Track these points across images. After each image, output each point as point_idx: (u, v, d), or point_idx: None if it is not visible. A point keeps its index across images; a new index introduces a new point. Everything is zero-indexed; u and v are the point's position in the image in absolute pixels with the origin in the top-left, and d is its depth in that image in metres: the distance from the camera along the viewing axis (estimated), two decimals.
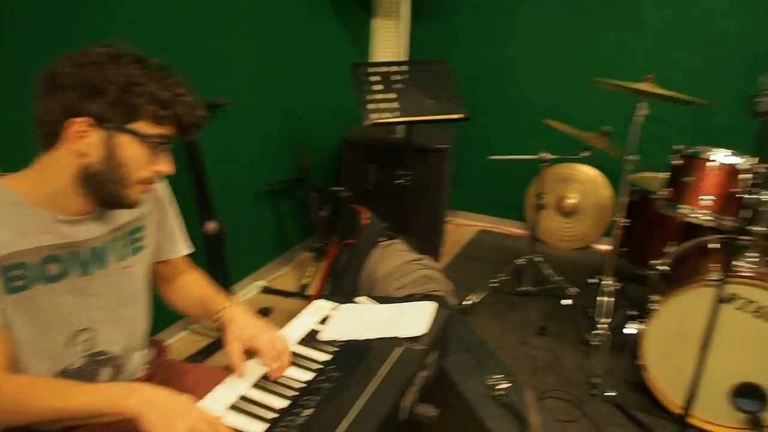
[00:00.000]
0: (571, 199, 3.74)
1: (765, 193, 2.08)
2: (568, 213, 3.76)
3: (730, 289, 2.02)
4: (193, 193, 2.47)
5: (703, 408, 2.09)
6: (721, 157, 2.19)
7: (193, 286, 1.43)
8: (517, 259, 3.04)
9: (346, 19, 3.58)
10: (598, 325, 2.48)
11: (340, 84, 3.22)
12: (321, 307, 1.53)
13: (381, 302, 1.55)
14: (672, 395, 2.17)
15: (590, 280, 2.74)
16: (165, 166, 1.14)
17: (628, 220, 2.65)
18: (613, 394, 2.26)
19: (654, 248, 2.71)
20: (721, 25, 3.24)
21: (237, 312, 1.29)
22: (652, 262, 2.48)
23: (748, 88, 1.88)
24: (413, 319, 1.39)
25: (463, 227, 4.09)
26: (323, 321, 1.45)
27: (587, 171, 3.70)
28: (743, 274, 2.07)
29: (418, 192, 3.24)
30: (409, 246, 2.85)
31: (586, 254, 3.74)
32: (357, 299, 1.58)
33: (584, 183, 3.71)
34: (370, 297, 1.60)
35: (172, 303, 1.43)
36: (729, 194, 2.19)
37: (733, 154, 2.19)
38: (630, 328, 2.23)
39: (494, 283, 2.98)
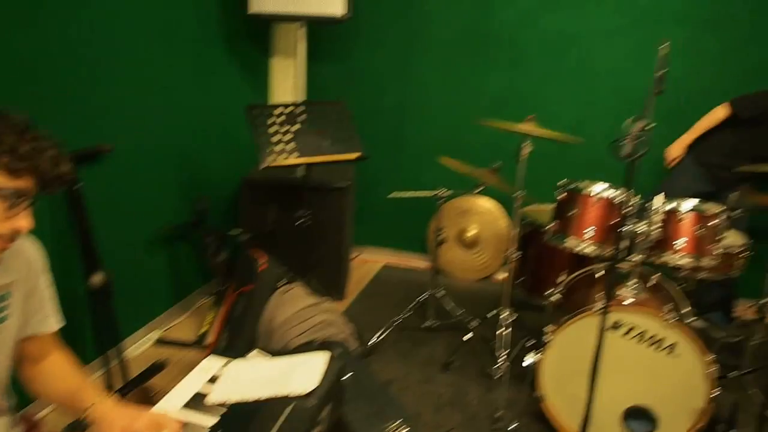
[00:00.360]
0: (472, 232, 3.85)
1: (641, 224, 2.24)
2: (469, 245, 3.86)
3: (615, 316, 2.13)
4: (78, 245, 2.31)
5: None
6: (600, 191, 2.33)
7: (59, 376, 1.32)
8: (420, 295, 3.06)
9: (242, 59, 3.55)
10: (499, 358, 2.54)
11: (238, 124, 3.17)
12: (209, 366, 1.46)
13: (273, 356, 1.50)
14: (569, 423, 2.24)
15: (489, 314, 2.81)
16: (24, 221, 1.06)
17: (521, 253, 2.76)
18: (515, 425, 2.30)
19: (548, 278, 2.83)
20: (600, 66, 3.50)
21: (107, 408, 1.21)
22: (546, 292, 2.59)
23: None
24: (304, 374, 1.35)
25: (368, 263, 4.10)
26: (213, 380, 1.38)
27: (485, 203, 3.82)
28: (626, 301, 2.19)
29: (320, 231, 3.22)
30: (312, 288, 2.81)
31: (489, 285, 3.85)
32: (249, 354, 1.52)
33: (483, 215, 3.84)
34: (262, 350, 1.55)
35: (35, 390, 1.31)
36: (609, 226, 2.32)
37: (610, 187, 2.34)
38: (528, 359, 2.29)
39: (398, 320, 2.99)
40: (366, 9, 3.74)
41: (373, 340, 2.90)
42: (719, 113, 3.11)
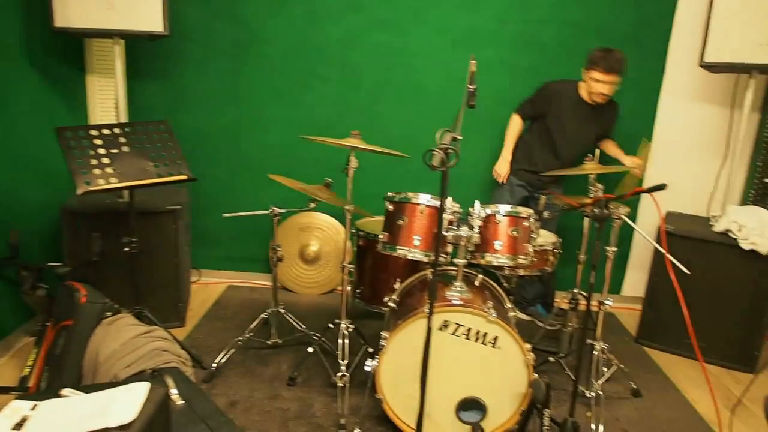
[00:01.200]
0: (313, 247, 3.88)
1: (462, 229, 2.41)
2: (311, 260, 3.89)
3: (443, 317, 2.28)
4: None
5: (436, 427, 2.30)
6: (425, 200, 2.47)
7: None
8: (263, 313, 3.03)
9: (53, 77, 3.27)
10: (341, 367, 2.58)
11: (53, 148, 2.91)
12: (16, 408, 1.32)
13: (88, 391, 1.40)
14: (410, 422, 2.34)
15: (330, 325, 2.85)
16: None
17: (359, 264, 2.84)
18: (357, 430, 2.36)
19: (386, 286, 2.95)
20: (426, 81, 3.73)
21: None
22: (384, 299, 2.68)
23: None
24: (123, 405, 1.27)
25: (210, 286, 3.97)
26: (21, 424, 1.25)
27: (326, 218, 3.88)
28: (453, 302, 2.35)
29: (153, 256, 3.07)
30: (145, 316, 2.66)
31: (334, 298, 3.90)
32: (61, 392, 1.41)
33: (324, 230, 3.89)
34: (82, 386, 1.44)
35: None
36: (435, 233, 2.47)
37: (434, 197, 2.49)
38: (368, 365, 2.35)
39: (240, 340, 2.92)
40: (189, 25, 3.65)
41: (216, 362, 2.81)
42: (515, 123, 3.49)
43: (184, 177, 2.54)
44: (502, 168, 3.50)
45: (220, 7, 3.67)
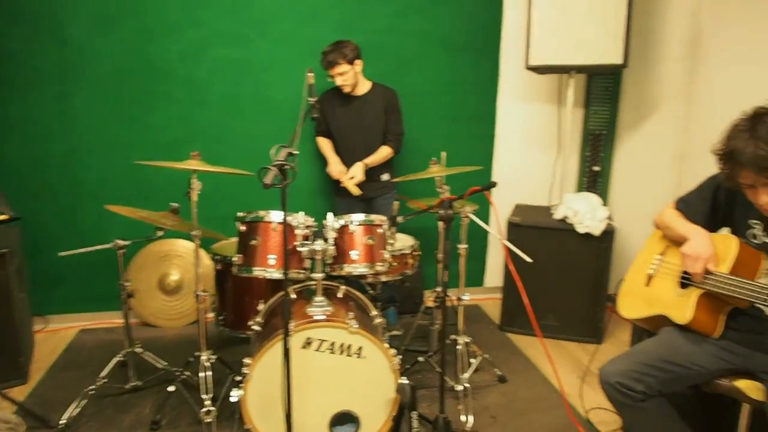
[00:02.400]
0: (173, 276, 3.68)
1: (317, 243, 2.40)
2: (173, 290, 3.68)
3: (305, 334, 2.24)
4: None
5: None
6: (278, 218, 2.43)
7: None
8: (118, 355, 2.81)
9: None
10: (206, 402, 2.46)
11: None
12: None
13: None
14: None
15: (190, 358, 2.71)
16: None
17: (218, 289, 2.72)
18: None
19: (250, 309, 2.84)
20: (275, 95, 3.68)
21: None
22: (249, 323, 2.59)
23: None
24: None
25: (60, 332, 3.62)
26: None
27: (185, 244, 3.69)
28: (315, 318, 2.32)
29: None
30: None
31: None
32: None
33: (184, 257, 3.70)
34: None
35: None
36: (291, 249, 2.44)
37: (287, 213, 2.45)
38: (233, 396, 2.26)
39: (94, 388, 2.69)
40: (11, 47, 3.32)
41: (65, 417, 2.55)
42: (320, 143, 3.61)
43: (3, 218, 2.29)
44: (334, 168, 3.48)
45: (43, 27, 3.36)
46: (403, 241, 3.04)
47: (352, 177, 3.37)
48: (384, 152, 3.46)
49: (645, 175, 3.79)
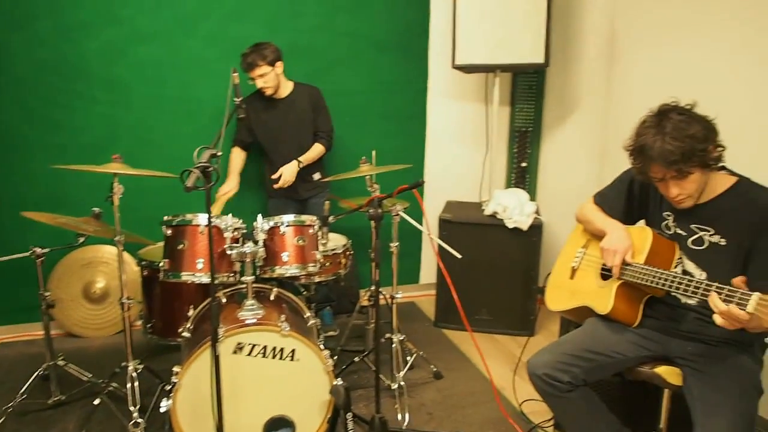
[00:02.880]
0: (99, 283, 3.53)
1: (247, 245, 2.35)
2: (98, 298, 3.53)
3: (236, 339, 2.20)
4: None
5: None
6: (205, 220, 2.36)
7: None
8: (39, 369, 2.66)
9: None
10: (134, 414, 2.37)
11: None
12: None
13: None
14: None
15: (117, 369, 2.60)
16: None
17: (146, 296, 2.64)
18: None
19: (180, 315, 2.75)
20: (202, 94, 3.58)
21: None
22: (179, 329, 2.51)
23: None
24: None
25: None
26: None
27: (111, 250, 3.54)
28: (246, 322, 2.28)
29: None
30: None
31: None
32: None
33: (110, 263, 3.55)
34: None
35: None
36: (221, 252, 2.38)
37: (214, 217, 2.39)
38: (163, 406, 2.19)
39: (12, 406, 2.54)
40: None
41: None
42: (233, 155, 3.54)
43: None
44: (224, 186, 3.43)
45: None
46: (336, 241, 3.03)
47: (280, 175, 3.35)
48: (317, 150, 3.44)
49: (570, 170, 3.93)
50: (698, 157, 1.67)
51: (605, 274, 2.02)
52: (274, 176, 3.37)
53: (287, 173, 3.35)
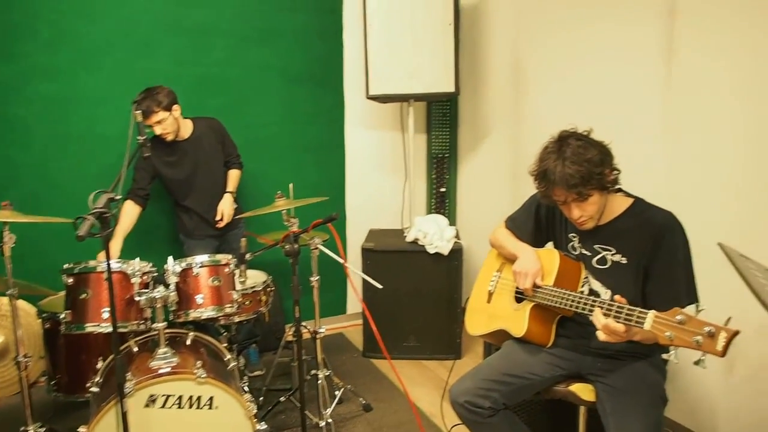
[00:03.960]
0: None
1: (157, 290, 2.24)
2: None
3: (148, 391, 2.07)
4: None
5: None
6: (112, 267, 2.23)
7: None
8: None
9: None
10: None
11: None
12: None
13: None
14: None
15: None
16: None
17: (49, 351, 2.46)
18: None
19: (88, 368, 2.58)
20: (105, 131, 3.42)
21: None
22: (87, 384, 2.35)
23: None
24: None
25: None
26: None
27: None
28: (159, 372, 2.15)
29: None
30: None
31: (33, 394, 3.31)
32: None
33: (9, 317, 3.28)
34: None
35: None
36: (129, 299, 2.26)
37: (119, 261, 2.27)
38: None
39: None
40: None
41: None
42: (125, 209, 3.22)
43: None
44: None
45: None
46: (255, 278, 2.95)
47: (221, 219, 3.28)
48: (237, 175, 3.40)
49: (486, 194, 4.03)
50: (596, 179, 1.75)
51: (519, 297, 2.06)
52: (217, 217, 3.27)
53: (227, 209, 3.28)
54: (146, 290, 2.25)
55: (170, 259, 2.33)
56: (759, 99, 2.20)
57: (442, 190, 4.22)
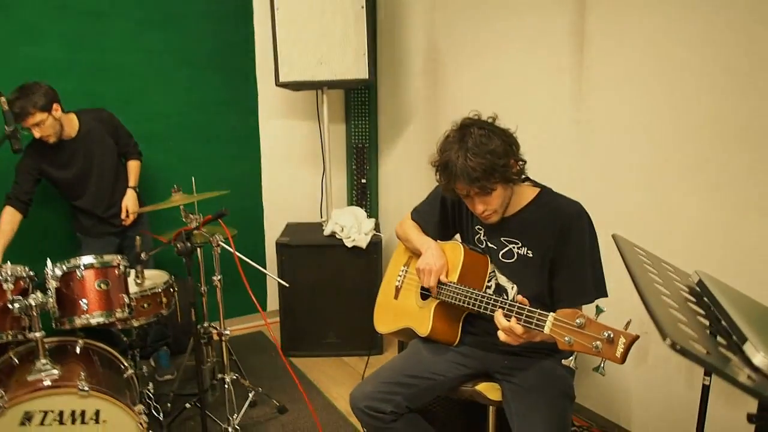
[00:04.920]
0: None
1: (33, 297, 2.03)
2: None
3: (22, 408, 1.88)
4: None
5: None
6: None
7: None
8: None
9: None
10: None
11: None
12: None
13: None
14: None
15: None
16: None
17: None
18: None
19: None
20: None
21: None
22: None
23: None
24: None
25: None
26: None
27: None
28: (38, 386, 1.96)
29: None
30: None
31: None
32: None
33: None
34: None
35: None
36: (2, 307, 2.04)
37: None
38: None
39: None
40: None
41: None
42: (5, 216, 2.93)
43: None
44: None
45: None
46: (156, 279, 2.75)
47: (128, 216, 3.08)
48: (137, 166, 3.18)
49: (407, 185, 3.96)
50: (499, 172, 1.67)
51: (424, 293, 1.98)
52: (123, 216, 3.06)
53: (132, 205, 3.07)
54: (19, 297, 2.03)
55: (48, 261, 2.12)
56: (669, 87, 2.20)
57: (363, 181, 4.11)
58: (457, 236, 2.08)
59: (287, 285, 2.52)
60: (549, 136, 2.68)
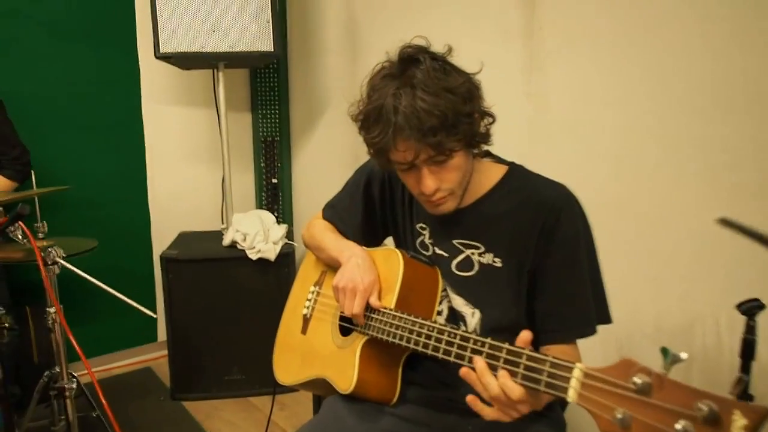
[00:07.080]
0: None
1: None
2: None
3: None
4: None
5: None
6: None
7: None
8: None
9: None
10: None
11: None
12: None
13: None
14: None
15: None
16: None
17: None
18: None
19: None
20: None
21: None
22: None
23: None
24: None
25: None
26: None
27: None
28: None
29: None
30: None
31: None
32: None
33: None
34: None
35: None
36: None
37: None
38: None
39: None
40: None
41: None
42: None
43: None
44: None
45: None
46: None
47: None
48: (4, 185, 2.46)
49: (326, 183, 3.31)
50: (464, 125, 1.08)
51: (345, 326, 1.34)
52: None
53: None
54: None
55: None
56: (646, 50, 1.73)
57: (274, 181, 3.46)
58: (390, 240, 1.48)
59: (154, 315, 1.82)
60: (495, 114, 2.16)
